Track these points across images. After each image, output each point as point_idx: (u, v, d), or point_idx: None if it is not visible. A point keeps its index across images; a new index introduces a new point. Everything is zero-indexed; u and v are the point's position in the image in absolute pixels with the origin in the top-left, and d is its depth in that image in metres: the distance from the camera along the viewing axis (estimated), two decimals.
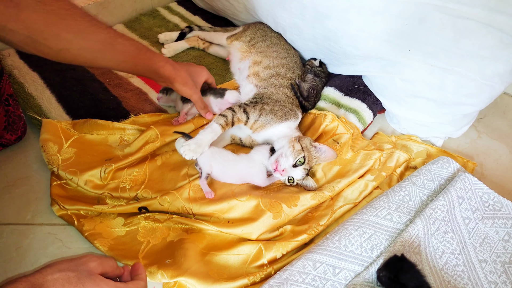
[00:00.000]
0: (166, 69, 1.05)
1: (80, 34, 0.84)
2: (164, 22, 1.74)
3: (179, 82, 1.09)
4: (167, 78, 1.07)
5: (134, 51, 0.96)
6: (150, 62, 1.01)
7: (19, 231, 0.97)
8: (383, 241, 0.97)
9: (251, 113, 1.15)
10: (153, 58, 1.02)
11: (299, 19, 1.31)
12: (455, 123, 1.29)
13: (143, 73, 1.06)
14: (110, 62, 0.95)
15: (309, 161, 1.08)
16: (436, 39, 1.12)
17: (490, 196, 1.09)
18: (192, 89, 1.13)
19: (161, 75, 1.05)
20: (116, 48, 0.92)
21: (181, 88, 1.11)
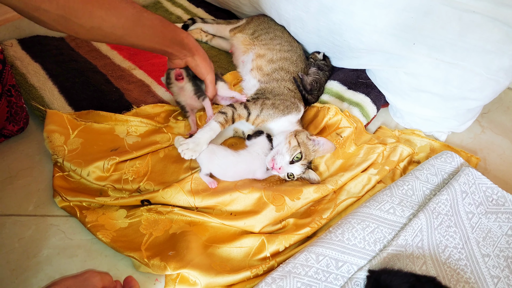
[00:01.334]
0: (190, 39, 1.08)
1: (112, 11, 0.85)
2: (167, 14, 1.73)
3: (200, 55, 1.10)
4: (190, 49, 1.08)
5: (160, 24, 0.98)
6: (175, 34, 1.03)
7: (22, 222, 0.97)
8: (386, 234, 0.96)
9: (252, 108, 1.14)
10: (176, 29, 1.04)
11: (303, 12, 1.30)
12: (459, 117, 1.29)
13: (168, 46, 1.05)
14: (138, 38, 0.96)
15: (307, 156, 1.07)
16: (442, 33, 1.11)
17: (494, 190, 1.09)
18: (210, 67, 1.14)
19: (185, 45, 1.06)
20: (144, 23, 0.93)
21: (201, 63, 1.11)
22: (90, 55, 1.45)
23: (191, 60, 1.11)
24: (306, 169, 1.10)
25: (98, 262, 0.91)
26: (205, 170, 1.06)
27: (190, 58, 1.11)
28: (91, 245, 0.94)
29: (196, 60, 1.11)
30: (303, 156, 1.06)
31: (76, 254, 0.92)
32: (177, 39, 1.04)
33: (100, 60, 1.44)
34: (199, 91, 1.19)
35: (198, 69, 1.13)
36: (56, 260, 0.91)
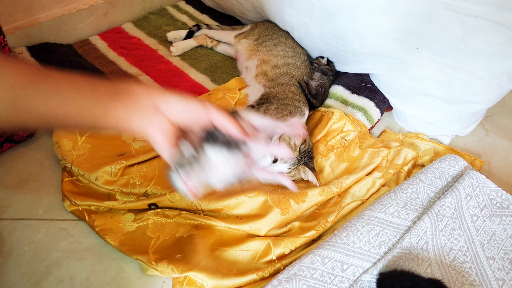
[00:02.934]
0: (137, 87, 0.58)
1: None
2: (172, 20, 1.76)
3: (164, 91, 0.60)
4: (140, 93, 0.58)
5: (82, 76, 0.56)
6: (113, 84, 0.58)
7: (32, 226, 0.99)
8: (391, 237, 0.97)
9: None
10: (115, 81, 0.59)
11: (307, 18, 1.32)
12: (462, 121, 1.29)
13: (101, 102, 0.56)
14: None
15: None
16: (445, 37, 1.12)
17: (498, 193, 1.10)
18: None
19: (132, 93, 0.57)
20: (53, 76, 0.54)
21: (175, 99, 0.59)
22: (98, 62, 1.48)
23: (160, 102, 0.57)
24: (300, 166, 1.09)
25: (107, 265, 0.93)
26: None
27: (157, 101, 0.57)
28: (99, 249, 0.96)
29: (171, 103, 0.57)
30: None
31: (85, 257, 0.94)
32: (118, 88, 0.56)
33: (107, 67, 1.46)
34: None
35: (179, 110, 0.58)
36: (65, 263, 0.92)
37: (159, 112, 0.56)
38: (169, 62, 1.53)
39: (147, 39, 1.63)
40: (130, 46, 1.58)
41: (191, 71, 1.49)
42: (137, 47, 1.58)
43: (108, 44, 1.57)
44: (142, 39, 1.63)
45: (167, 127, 0.57)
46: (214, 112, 0.58)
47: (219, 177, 0.59)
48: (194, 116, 0.58)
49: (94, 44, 1.57)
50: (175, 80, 1.44)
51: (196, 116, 0.58)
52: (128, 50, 1.55)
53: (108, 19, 1.66)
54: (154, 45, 1.61)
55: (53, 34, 1.52)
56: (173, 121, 0.57)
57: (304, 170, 1.10)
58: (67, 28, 1.55)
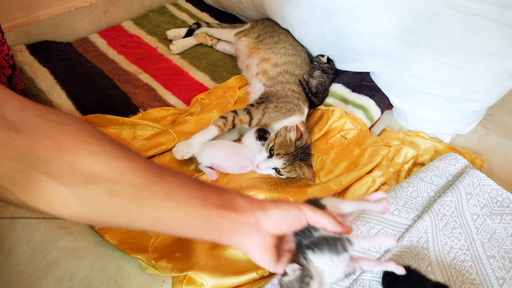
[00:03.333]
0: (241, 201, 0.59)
1: (113, 161, 0.50)
2: (172, 18, 1.75)
3: (274, 207, 0.60)
4: (251, 208, 0.59)
5: (193, 182, 0.56)
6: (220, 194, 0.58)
7: (31, 224, 0.99)
8: None
9: (254, 113, 1.16)
10: (221, 189, 0.60)
11: (307, 16, 1.32)
12: (463, 119, 1.29)
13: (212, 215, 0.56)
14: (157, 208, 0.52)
15: (282, 146, 1.07)
16: (446, 36, 1.12)
17: (498, 192, 1.09)
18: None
19: (240, 207, 0.58)
20: (168, 181, 0.53)
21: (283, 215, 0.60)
22: (97, 60, 1.47)
23: (264, 220, 0.58)
24: (296, 162, 1.08)
25: (106, 264, 0.92)
26: (205, 163, 1.08)
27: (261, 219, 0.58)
28: (99, 247, 0.95)
29: (272, 216, 0.59)
30: (276, 147, 1.07)
31: (84, 256, 0.93)
32: (225, 200, 0.57)
33: (107, 65, 1.45)
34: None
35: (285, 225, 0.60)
36: (65, 262, 0.92)
37: (260, 227, 0.58)
38: (169, 60, 1.52)
39: (146, 37, 1.63)
40: (129, 44, 1.58)
41: (191, 69, 1.49)
42: (136, 45, 1.58)
43: (107, 42, 1.56)
44: (141, 37, 1.62)
45: (268, 242, 0.58)
46: (309, 213, 0.60)
47: (330, 281, 0.60)
48: (293, 223, 0.60)
49: (93, 42, 1.56)
50: (175, 79, 1.43)
51: (294, 223, 0.60)
52: (127, 48, 1.55)
53: (108, 17, 1.66)
54: (154, 43, 1.60)
55: (53, 32, 1.52)
56: (273, 233, 0.59)
57: (301, 166, 1.09)
58: (67, 26, 1.55)
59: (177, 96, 1.36)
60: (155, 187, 0.51)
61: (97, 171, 0.48)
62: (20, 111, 0.46)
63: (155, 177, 0.52)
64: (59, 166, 0.46)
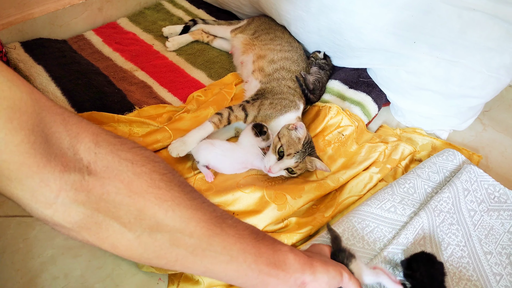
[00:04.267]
0: (293, 260, 0.61)
1: (180, 209, 0.51)
2: (168, 15, 1.74)
3: (320, 267, 0.64)
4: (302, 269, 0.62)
5: (250, 236, 0.58)
6: (274, 251, 0.59)
7: (26, 223, 0.98)
8: (386, 233, 0.97)
9: (249, 110, 1.15)
10: (276, 244, 0.61)
11: (303, 12, 1.31)
12: (460, 115, 1.29)
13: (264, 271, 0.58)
14: (215, 258, 0.54)
15: (290, 145, 1.06)
16: (442, 31, 1.11)
17: (496, 188, 1.09)
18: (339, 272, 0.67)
19: (291, 266, 0.60)
20: (227, 233, 0.55)
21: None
22: (92, 57, 1.46)
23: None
24: (306, 158, 1.08)
25: (102, 262, 0.92)
26: (203, 161, 1.07)
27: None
28: None
29: (319, 280, 0.62)
30: (285, 147, 1.06)
31: (80, 254, 0.93)
32: (277, 259, 0.59)
33: (102, 62, 1.45)
34: None
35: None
36: (60, 260, 0.91)
37: (304, 287, 0.62)
38: (165, 57, 1.51)
39: (142, 34, 1.62)
40: (125, 41, 1.57)
41: (187, 66, 1.48)
42: (132, 42, 1.57)
43: (103, 40, 1.56)
44: (137, 34, 1.61)
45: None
46: (346, 279, 0.66)
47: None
48: (333, 286, 0.65)
49: (89, 39, 1.55)
50: (171, 76, 1.43)
51: (334, 286, 0.65)
52: (123, 46, 1.54)
53: (103, 14, 1.65)
54: (150, 40, 1.59)
55: (47, 30, 1.51)
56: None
57: (311, 160, 1.10)
58: (62, 23, 1.54)
59: (173, 93, 1.36)
60: (215, 239, 0.53)
61: (163, 220, 0.49)
62: (95, 147, 0.47)
63: (216, 229, 0.53)
64: (128, 211, 0.47)
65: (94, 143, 0.47)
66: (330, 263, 0.66)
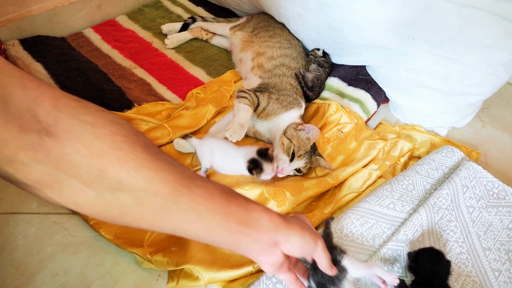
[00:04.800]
0: (267, 220, 0.61)
1: (142, 170, 0.50)
2: (167, 13, 1.74)
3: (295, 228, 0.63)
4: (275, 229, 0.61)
5: (221, 195, 0.57)
6: (246, 211, 0.59)
7: (25, 220, 0.98)
8: (385, 230, 0.97)
9: (260, 99, 1.16)
10: (249, 204, 0.61)
11: (302, 9, 1.31)
12: (459, 113, 1.29)
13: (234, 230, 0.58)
14: (183, 217, 0.54)
15: (301, 147, 1.07)
16: (441, 28, 1.11)
17: (495, 184, 1.09)
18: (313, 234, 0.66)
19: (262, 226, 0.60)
20: (195, 193, 0.54)
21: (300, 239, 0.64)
22: (91, 55, 1.46)
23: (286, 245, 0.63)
24: (312, 157, 1.10)
25: (102, 259, 0.92)
26: (206, 164, 1.06)
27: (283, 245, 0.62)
28: (94, 242, 0.95)
29: (291, 242, 0.63)
30: (296, 149, 1.07)
31: (80, 251, 0.93)
32: (250, 218, 0.59)
33: (101, 60, 1.44)
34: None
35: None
36: (59, 257, 0.91)
37: (277, 248, 0.62)
38: (164, 55, 1.51)
39: (141, 32, 1.62)
40: (124, 39, 1.57)
41: (186, 64, 1.48)
42: (131, 39, 1.57)
43: (102, 37, 1.55)
44: (136, 32, 1.61)
45: (279, 261, 0.63)
46: (320, 249, 0.66)
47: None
48: (306, 251, 0.65)
49: (87, 37, 1.55)
50: (170, 73, 1.42)
51: (307, 252, 0.66)
52: (122, 43, 1.54)
53: (102, 12, 1.64)
54: (149, 37, 1.59)
55: (46, 27, 1.50)
56: (286, 254, 0.63)
57: (316, 159, 1.12)
58: (60, 20, 1.53)
59: (172, 91, 1.35)
60: (181, 199, 0.53)
61: (125, 179, 0.49)
62: (55, 111, 0.46)
63: (183, 189, 0.53)
64: (89, 171, 0.47)
65: (53, 107, 0.46)
66: (307, 229, 0.64)
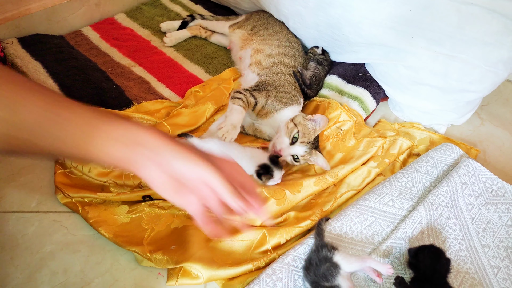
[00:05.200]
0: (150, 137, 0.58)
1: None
2: (166, 11, 1.74)
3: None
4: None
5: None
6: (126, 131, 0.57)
7: (25, 218, 0.98)
8: (384, 227, 0.97)
9: (258, 98, 1.16)
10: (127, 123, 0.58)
11: (302, 7, 1.31)
12: (458, 110, 1.29)
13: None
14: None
15: (305, 134, 1.08)
16: (440, 26, 1.11)
17: (494, 181, 1.10)
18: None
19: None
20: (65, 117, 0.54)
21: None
22: (90, 53, 1.46)
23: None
24: (313, 150, 1.10)
25: (101, 257, 0.92)
26: None
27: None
28: (93, 241, 0.95)
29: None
30: (300, 134, 1.07)
31: (79, 250, 0.93)
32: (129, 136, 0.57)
33: (100, 58, 1.44)
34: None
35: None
36: (59, 256, 0.91)
37: (161, 166, 0.59)
38: (163, 53, 1.51)
39: (140, 30, 1.61)
40: (123, 37, 1.56)
41: (185, 62, 1.48)
42: (130, 38, 1.57)
43: (100, 35, 1.55)
44: (135, 30, 1.61)
45: (168, 183, 0.61)
46: (213, 179, 0.60)
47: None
48: (193, 176, 0.60)
49: (86, 35, 1.55)
50: (169, 71, 1.42)
51: (197, 177, 0.60)
52: (120, 41, 1.53)
53: (100, 10, 1.64)
54: (147, 36, 1.59)
55: (44, 25, 1.50)
56: (179, 177, 0.61)
57: (316, 154, 1.11)
58: (59, 19, 1.53)
59: (171, 89, 1.35)
60: (61, 111, 0.53)
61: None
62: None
63: (64, 104, 0.55)
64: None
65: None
66: (200, 154, 0.60)
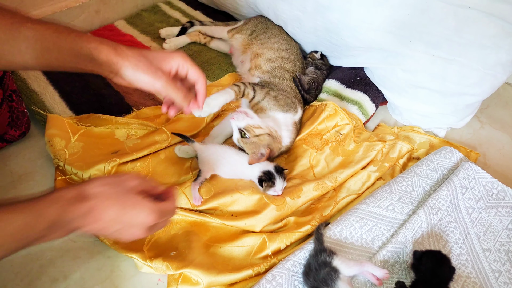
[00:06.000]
0: (102, 50, 0.71)
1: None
2: (165, 17, 1.74)
3: (128, 66, 0.73)
4: (106, 63, 0.72)
5: (52, 35, 0.68)
6: (76, 45, 0.69)
7: None
8: (384, 232, 0.97)
9: (257, 92, 1.17)
10: (79, 38, 0.70)
11: (300, 12, 1.31)
12: (457, 113, 1.29)
13: (71, 64, 0.71)
14: (20, 56, 0.66)
15: (252, 144, 1.07)
16: (438, 29, 1.11)
17: (494, 185, 1.09)
18: (150, 74, 0.74)
19: (98, 60, 0.71)
20: (25, 35, 0.65)
21: (132, 75, 0.74)
22: None
23: (118, 75, 0.74)
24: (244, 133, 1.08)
25: (101, 263, 0.92)
26: (206, 174, 1.05)
27: (115, 74, 0.74)
28: (93, 247, 0.95)
29: (124, 73, 0.74)
30: (248, 136, 1.07)
31: (79, 256, 0.93)
32: (81, 51, 0.69)
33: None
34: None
35: (134, 84, 0.76)
36: (59, 262, 0.91)
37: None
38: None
39: (140, 36, 1.62)
40: (122, 43, 1.54)
41: None
42: (130, 44, 1.57)
43: None
44: (135, 36, 1.62)
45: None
46: (163, 86, 0.77)
47: None
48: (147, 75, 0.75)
49: None
50: None
51: (151, 76, 0.76)
52: None
53: (100, 17, 1.65)
54: (147, 42, 1.60)
55: None
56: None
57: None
58: None
59: None
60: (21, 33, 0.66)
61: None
62: None
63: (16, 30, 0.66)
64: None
65: None
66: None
